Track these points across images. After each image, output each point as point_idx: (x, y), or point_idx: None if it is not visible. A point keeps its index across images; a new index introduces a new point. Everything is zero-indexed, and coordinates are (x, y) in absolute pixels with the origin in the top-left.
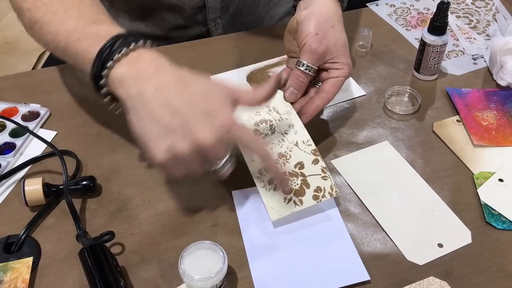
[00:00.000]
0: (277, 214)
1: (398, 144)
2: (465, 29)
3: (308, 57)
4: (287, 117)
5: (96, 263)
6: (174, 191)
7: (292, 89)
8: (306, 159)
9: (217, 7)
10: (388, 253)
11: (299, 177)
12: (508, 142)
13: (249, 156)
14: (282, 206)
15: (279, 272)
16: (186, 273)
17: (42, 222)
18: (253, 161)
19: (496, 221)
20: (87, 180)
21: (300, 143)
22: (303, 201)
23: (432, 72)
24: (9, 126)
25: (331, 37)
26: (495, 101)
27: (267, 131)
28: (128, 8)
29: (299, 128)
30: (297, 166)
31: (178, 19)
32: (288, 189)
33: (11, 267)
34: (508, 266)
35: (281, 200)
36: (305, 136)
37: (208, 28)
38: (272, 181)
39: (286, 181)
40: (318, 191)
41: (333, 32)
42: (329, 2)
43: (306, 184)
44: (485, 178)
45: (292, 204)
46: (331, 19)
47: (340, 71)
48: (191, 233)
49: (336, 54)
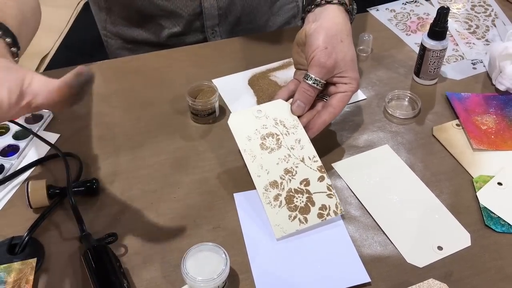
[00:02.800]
0: (281, 232)
1: (398, 148)
2: (465, 34)
3: (317, 71)
4: (293, 131)
5: (99, 264)
6: (177, 193)
7: (300, 102)
8: (312, 176)
9: (215, 14)
10: (388, 255)
11: (304, 194)
12: (507, 146)
13: (255, 172)
14: (286, 223)
15: (281, 273)
16: (189, 275)
17: (46, 224)
18: (259, 177)
19: (495, 224)
20: (90, 182)
21: (306, 159)
22: (308, 219)
23: (432, 76)
24: (13, 129)
25: (340, 51)
26: (494, 105)
27: (273, 146)
28: (126, 15)
29: (305, 143)
30: (303, 183)
31: (175, 26)
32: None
33: (15, 268)
34: (507, 268)
35: (286, 217)
36: (312, 152)
37: (205, 35)
38: (278, 197)
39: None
40: (323, 209)
41: (342, 46)
42: (339, 15)
43: (311, 201)
44: (484, 182)
45: (297, 222)
46: (340, 32)
47: (348, 86)
48: (193, 235)
49: (344, 68)
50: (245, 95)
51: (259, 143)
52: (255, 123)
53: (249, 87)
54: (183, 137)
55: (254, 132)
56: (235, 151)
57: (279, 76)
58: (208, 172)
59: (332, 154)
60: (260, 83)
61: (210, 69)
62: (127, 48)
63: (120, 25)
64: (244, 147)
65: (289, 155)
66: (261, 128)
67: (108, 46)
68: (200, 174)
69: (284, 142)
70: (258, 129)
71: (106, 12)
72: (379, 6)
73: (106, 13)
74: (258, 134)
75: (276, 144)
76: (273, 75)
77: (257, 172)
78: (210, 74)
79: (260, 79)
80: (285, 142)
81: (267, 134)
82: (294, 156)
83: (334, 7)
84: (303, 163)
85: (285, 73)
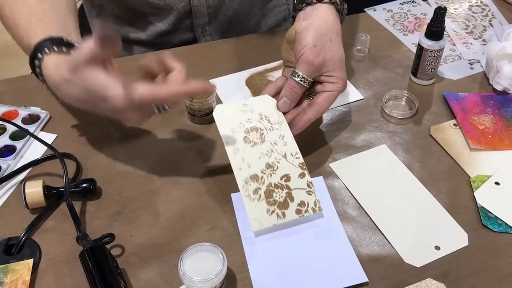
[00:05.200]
0: (258, 225)
1: (396, 148)
2: (462, 34)
3: (304, 68)
4: (278, 127)
5: (96, 264)
6: (174, 193)
7: (286, 98)
8: (293, 172)
9: (204, 13)
10: (385, 255)
11: (284, 190)
12: (504, 145)
13: (236, 164)
14: (264, 217)
15: (278, 274)
16: (186, 275)
17: (43, 224)
18: (240, 169)
19: (493, 223)
20: (87, 183)
21: (288, 155)
22: (286, 214)
23: (429, 76)
24: (10, 129)
25: (329, 50)
26: (492, 105)
27: (257, 140)
28: (117, 12)
29: (289, 140)
30: (283, 178)
31: (165, 24)
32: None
33: (11, 269)
34: (504, 268)
35: (264, 211)
36: (294, 149)
37: (195, 34)
38: (257, 191)
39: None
40: (302, 206)
41: (331, 45)
42: (329, 14)
43: (290, 197)
44: (481, 182)
45: (274, 216)
46: (330, 31)
47: (334, 85)
48: (190, 235)
49: (332, 67)
50: (242, 95)
51: (243, 136)
52: (240, 117)
53: (246, 87)
54: (180, 137)
55: (239, 125)
56: None
57: (276, 76)
58: (205, 172)
59: (329, 154)
60: (257, 83)
61: (207, 70)
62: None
63: (112, 22)
64: (227, 140)
65: (272, 150)
66: (246, 122)
67: None
68: (198, 174)
69: (268, 137)
70: (242, 123)
71: (97, 10)
72: (376, 6)
73: (97, 11)
74: (242, 128)
75: (259, 139)
76: (270, 75)
77: (238, 165)
78: (207, 74)
79: (257, 79)
80: (268, 137)
81: (251, 128)
82: (277, 152)
83: (325, 6)
84: (285, 158)
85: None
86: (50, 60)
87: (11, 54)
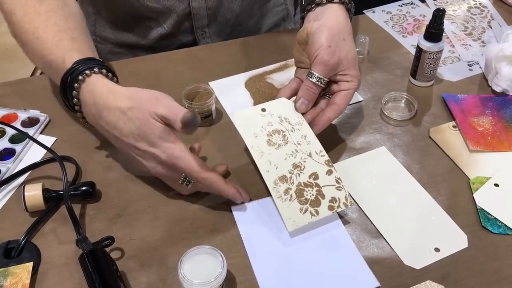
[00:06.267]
0: (293, 225)
1: (395, 150)
2: (461, 35)
3: (320, 69)
4: (299, 127)
5: (96, 268)
6: (173, 196)
7: (304, 99)
8: (320, 169)
9: (204, 15)
10: (385, 257)
11: (314, 188)
12: (504, 147)
13: (263, 167)
14: (298, 216)
15: (285, 277)
16: (186, 278)
17: (42, 227)
18: (268, 172)
19: (492, 225)
20: (87, 186)
21: (313, 154)
22: (319, 212)
23: (428, 78)
24: (9, 132)
25: (343, 50)
26: (491, 107)
27: (280, 142)
28: (114, 18)
29: (311, 139)
30: (312, 177)
31: (164, 27)
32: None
33: (11, 272)
34: (504, 269)
35: (297, 210)
36: (318, 147)
37: (195, 37)
38: (288, 191)
39: (239, 197)
40: (333, 202)
41: (344, 45)
42: (340, 14)
43: (321, 194)
44: (481, 183)
45: (308, 215)
46: (342, 31)
47: (350, 84)
48: (190, 238)
49: (346, 66)
50: (241, 98)
51: (266, 139)
52: (260, 121)
53: (246, 89)
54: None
55: (260, 129)
56: (231, 153)
57: (276, 78)
58: None
59: (329, 156)
60: (256, 85)
61: (206, 72)
62: (117, 53)
63: (109, 29)
64: (251, 144)
65: (296, 150)
66: (267, 125)
67: (98, 51)
68: None
69: (291, 138)
70: (264, 126)
71: (94, 17)
72: (375, 8)
73: (94, 18)
74: (264, 131)
75: (282, 140)
76: (269, 77)
77: (265, 167)
78: (206, 76)
79: (256, 82)
80: (291, 138)
81: (273, 131)
82: (302, 151)
83: (335, 6)
84: (310, 157)
85: (281, 75)
86: (98, 81)
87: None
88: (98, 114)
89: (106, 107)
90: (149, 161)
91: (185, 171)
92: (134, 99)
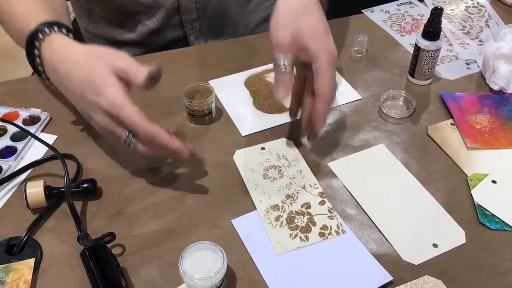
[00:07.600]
0: (282, 248)
1: (394, 147)
2: (459, 34)
3: (276, 52)
4: (295, 163)
5: (98, 263)
6: (174, 192)
7: (279, 87)
8: (313, 200)
9: (192, 8)
10: (384, 253)
11: (305, 216)
12: (501, 144)
13: (257, 197)
14: (287, 241)
15: (294, 277)
16: (187, 273)
17: (44, 224)
18: (260, 201)
19: (490, 221)
20: (88, 183)
21: (307, 186)
22: (309, 237)
23: (427, 76)
24: (10, 130)
25: (295, 26)
26: (488, 104)
27: (275, 175)
28: (106, 15)
29: (306, 173)
30: (304, 206)
31: (153, 22)
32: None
33: (13, 268)
34: (501, 265)
35: (286, 236)
36: (312, 180)
37: (184, 31)
38: (279, 218)
39: (184, 149)
40: (325, 229)
41: (299, 20)
42: None
43: (312, 222)
44: (478, 180)
45: (298, 240)
46: (297, 8)
47: (317, 62)
48: (190, 234)
49: (304, 39)
50: (241, 96)
51: (262, 173)
52: (259, 158)
53: (245, 88)
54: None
55: (258, 165)
56: (231, 151)
57: None
58: (204, 172)
59: (328, 154)
60: (256, 84)
61: (206, 71)
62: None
63: (101, 25)
64: (247, 177)
65: (291, 183)
66: (264, 162)
67: None
68: (197, 173)
69: (286, 172)
70: (261, 162)
71: (87, 15)
72: (374, 7)
73: (87, 15)
74: (261, 167)
75: (278, 174)
76: (268, 76)
77: (259, 197)
78: (206, 75)
79: (256, 80)
80: (287, 173)
81: (269, 166)
82: (296, 184)
83: None
84: (304, 189)
85: None
86: (56, 38)
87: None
88: (55, 69)
89: (63, 60)
90: (96, 113)
91: (127, 122)
92: (91, 52)
